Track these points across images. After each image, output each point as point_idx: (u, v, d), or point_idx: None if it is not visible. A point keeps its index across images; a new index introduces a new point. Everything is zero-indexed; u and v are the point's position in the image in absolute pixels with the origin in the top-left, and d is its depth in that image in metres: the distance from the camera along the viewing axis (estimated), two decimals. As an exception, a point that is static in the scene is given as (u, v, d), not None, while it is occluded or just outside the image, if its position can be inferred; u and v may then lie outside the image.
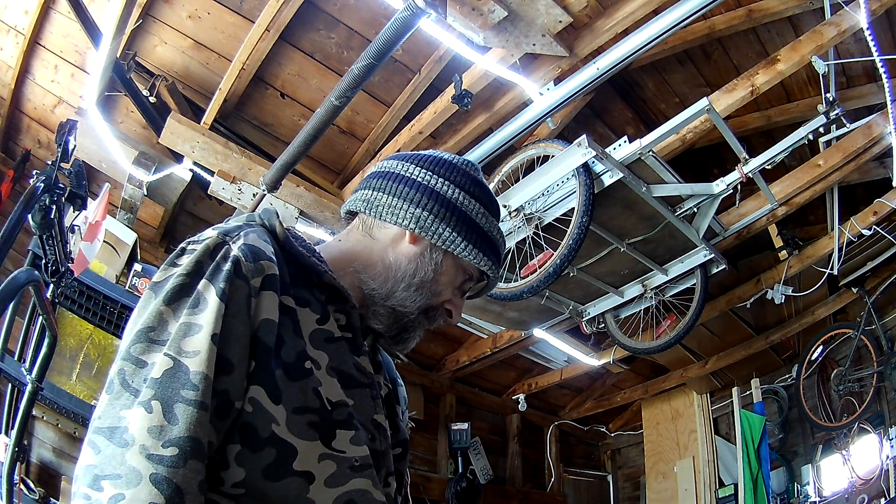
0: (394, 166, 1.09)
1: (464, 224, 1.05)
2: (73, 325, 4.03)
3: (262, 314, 0.86)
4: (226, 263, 0.86)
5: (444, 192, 1.05)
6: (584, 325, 4.24)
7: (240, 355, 0.83)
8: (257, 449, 0.81)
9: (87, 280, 3.40)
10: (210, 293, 0.83)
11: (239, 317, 0.84)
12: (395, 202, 1.04)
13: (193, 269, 0.86)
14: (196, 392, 0.77)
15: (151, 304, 0.84)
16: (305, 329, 0.91)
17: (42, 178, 2.06)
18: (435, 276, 1.05)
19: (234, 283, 0.85)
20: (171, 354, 0.79)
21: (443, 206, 1.04)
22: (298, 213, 3.99)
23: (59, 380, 3.84)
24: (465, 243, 1.04)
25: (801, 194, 3.85)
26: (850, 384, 4.69)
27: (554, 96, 3.23)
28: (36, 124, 4.24)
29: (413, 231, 1.04)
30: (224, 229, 0.93)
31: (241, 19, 3.69)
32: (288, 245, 0.96)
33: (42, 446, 3.66)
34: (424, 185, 1.05)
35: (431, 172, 1.06)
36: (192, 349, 0.79)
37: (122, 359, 0.81)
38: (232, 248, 0.88)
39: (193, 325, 0.81)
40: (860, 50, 3.53)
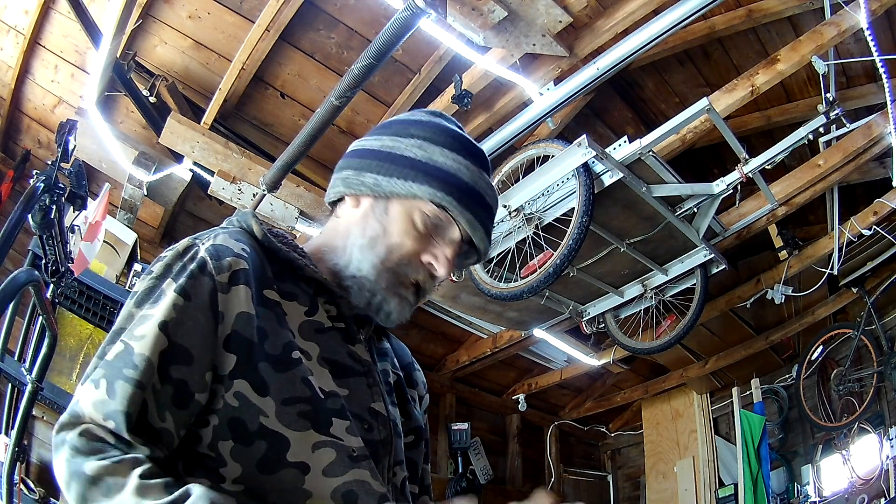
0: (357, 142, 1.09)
1: (389, 162, 0.98)
2: (73, 325, 4.03)
3: (235, 308, 0.87)
4: (191, 263, 0.89)
5: (369, 146, 1.03)
6: (584, 325, 4.24)
7: (201, 347, 0.84)
8: (249, 442, 0.82)
9: (87, 280, 3.40)
10: (170, 288, 0.86)
11: (200, 310, 0.85)
12: (334, 178, 1.06)
13: (163, 272, 0.89)
14: (135, 371, 0.80)
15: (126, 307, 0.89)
16: (293, 321, 0.92)
17: (42, 178, 2.06)
18: (383, 228, 0.98)
19: (195, 279, 0.87)
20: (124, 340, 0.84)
21: (365, 157, 1.02)
22: (298, 213, 3.99)
23: (59, 380, 3.84)
24: (394, 181, 0.97)
25: (801, 194, 3.84)
26: (850, 384, 4.69)
27: (554, 96, 3.23)
28: (36, 124, 4.24)
29: (349, 193, 1.03)
30: (197, 235, 0.95)
31: (241, 19, 3.69)
32: (267, 242, 0.97)
33: (42, 446, 3.66)
34: (353, 150, 1.06)
35: (370, 136, 1.05)
36: (140, 334, 0.83)
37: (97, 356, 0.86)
38: (199, 250, 0.90)
39: (147, 316, 0.85)
40: (860, 50, 3.53)
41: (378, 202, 1.00)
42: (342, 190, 1.03)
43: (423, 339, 6.15)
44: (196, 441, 0.84)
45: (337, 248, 1.02)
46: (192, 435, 0.84)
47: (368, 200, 1.01)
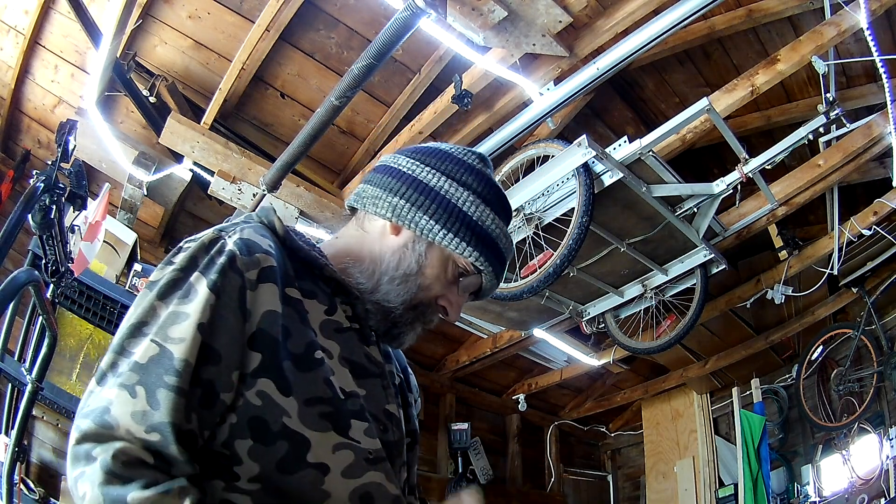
0: (388, 159, 1.07)
1: (447, 213, 0.99)
2: (73, 325, 4.03)
3: (262, 306, 0.85)
4: (220, 257, 0.86)
5: (427, 181, 1.00)
6: (584, 325, 4.24)
7: (228, 347, 0.82)
8: (270, 442, 0.81)
9: (87, 280, 3.40)
10: (201, 284, 0.83)
11: (230, 308, 0.83)
12: (378, 193, 1.02)
13: (188, 264, 0.86)
14: (178, 378, 0.77)
15: (146, 299, 0.84)
16: (314, 320, 0.91)
17: (42, 178, 2.06)
18: (419, 268, 1.00)
19: (226, 276, 0.84)
20: (157, 341, 0.80)
21: (422, 194, 1.00)
22: (298, 213, 4.00)
23: (59, 380, 3.84)
24: (445, 232, 0.99)
25: (801, 194, 3.84)
26: (850, 384, 4.69)
27: (554, 96, 3.23)
28: (36, 124, 4.24)
29: (393, 221, 1.00)
30: (220, 227, 0.93)
31: (241, 19, 3.69)
32: (288, 240, 0.96)
33: (42, 446, 3.66)
34: (407, 175, 1.01)
35: (419, 162, 1.02)
36: (178, 336, 0.79)
37: (112, 350, 0.82)
38: (227, 243, 0.88)
39: (180, 314, 0.81)
40: (860, 50, 3.53)
41: (420, 240, 1.00)
42: (388, 215, 1.01)
43: (423, 339, 6.10)
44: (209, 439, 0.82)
45: (363, 267, 1.01)
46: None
47: (411, 235, 1.01)
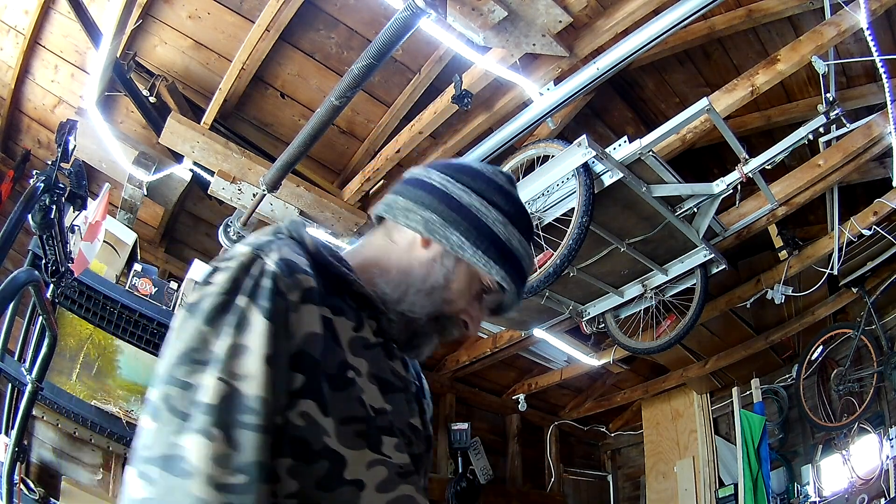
0: (420, 173, 1.08)
1: (476, 230, 1.01)
2: (73, 325, 4.03)
3: (304, 328, 0.85)
4: (264, 280, 0.84)
5: (458, 197, 1.02)
6: (584, 325, 4.24)
7: (280, 370, 0.81)
8: (310, 461, 0.81)
9: (87, 280, 3.40)
10: (254, 313, 0.82)
11: (280, 334, 0.82)
12: (409, 205, 1.03)
13: (231, 287, 0.84)
14: (258, 416, 0.76)
15: (189, 324, 0.81)
16: (343, 337, 0.90)
17: (42, 178, 2.06)
18: (446, 282, 1.01)
19: (275, 301, 0.83)
20: (224, 378, 0.77)
21: (454, 210, 1.01)
22: (298, 213, 4.00)
23: (59, 380, 3.84)
24: (474, 250, 1.01)
25: (801, 194, 3.84)
26: (850, 384, 4.68)
27: (554, 96, 3.23)
28: (36, 124, 4.24)
29: (424, 235, 1.02)
30: (256, 244, 0.90)
31: (241, 19, 3.69)
32: (319, 256, 0.95)
33: (42, 446, 3.66)
34: (439, 189, 1.03)
35: (452, 178, 1.04)
36: (246, 372, 0.78)
37: (166, 383, 0.78)
38: (268, 263, 0.86)
39: (242, 347, 0.79)
40: (860, 50, 3.53)
41: (448, 256, 1.02)
42: (419, 229, 1.02)
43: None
44: None
45: (390, 277, 1.02)
46: None
47: (440, 249, 1.02)
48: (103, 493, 3.76)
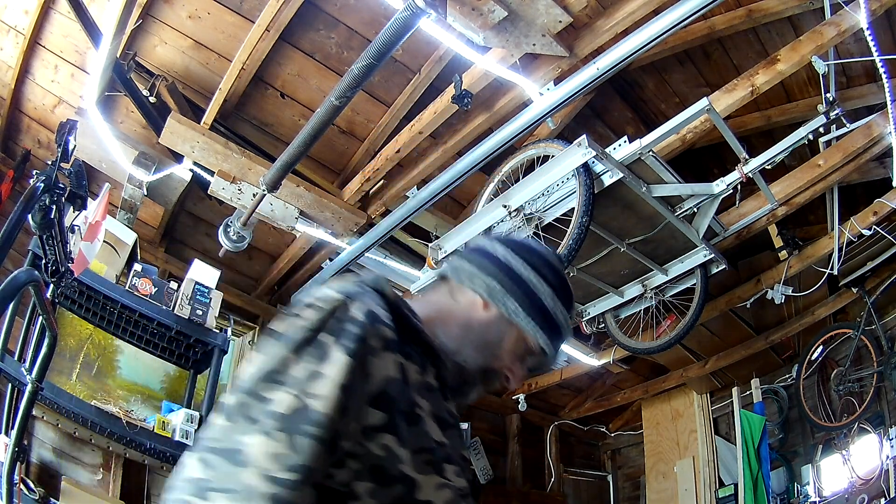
0: (486, 244, 1.25)
1: (530, 301, 1.18)
2: (73, 325, 4.03)
3: (384, 372, 0.97)
4: (350, 325, 0.96)
5: (518, 271, 1.19)
6: (584, 325, 4.24)
7: (355, 405, 0.92)
8: (388, 485, 0.93)
9: (87, 280, 3.40)
10: (336, 350, 0.93)
11: (358, 373, 0.94)
12: (475, 271, 1.20)
13: (318, 325, 0.96)
14: (320, 429, 0.86)
15: (275, 349, 0.93)
16: (412, 381, 1.02)
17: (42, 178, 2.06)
18: (498, 341, 1.17)
19: (357, 344, 0.95)
20: (297, 395, 0.88)
21: (514, 281, 1.18)
22: (298, 212, 4.00)
23: (59, 380, 3.84)
24: (527, 318, 1.17)
25: (801, 194, 3.84)
26: (850, 384, 4.68)
27: (554, 96, 3.22)
28: (36, 124, 4.24)
29: (485, 299, 1.18)
30: (347, 291, 1.02)
31: (241, 19, 3.69)
32: (397, 308, 1.07)
33: (42, 446, 3.66)
34: (502, 262, 1.20)
35: (513, 252, 1.21)
36: (318, 393, 0.89)
37: (244, 392, 0.90)
38: (355, 312, 0.98)
39: (320, 374, 0.91)
40: (860, 50, 3.53)
41: (504, 319, 1.18)
42: (482, 293, 1.18)
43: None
44: (326, 476, 0.91)
45: (451, 331, 1.16)
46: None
47: (497, 313, 1.18)
48: (103, 493, 3.76)
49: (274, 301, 5.38)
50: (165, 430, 3.54)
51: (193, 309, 3.82)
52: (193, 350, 3.93)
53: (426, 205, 3.77)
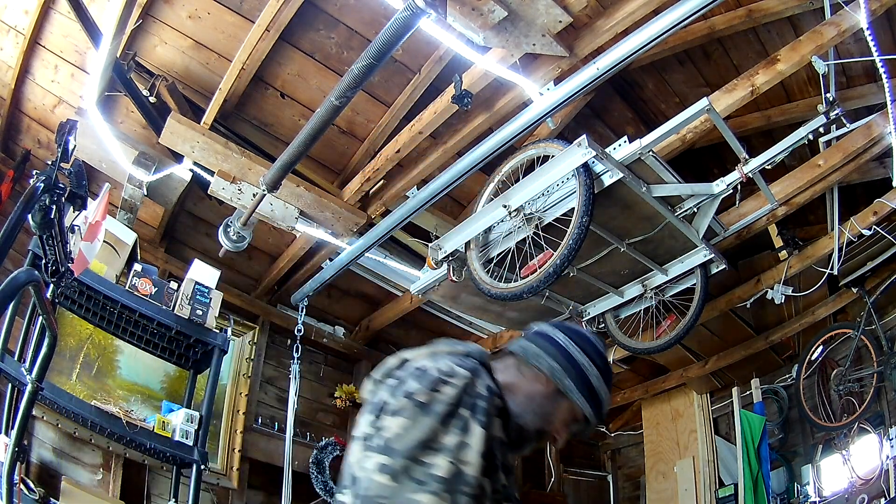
0: (549, 329, 1.56)
1: (581, 381, 1.47)
2: (73, 325, 4.04)
3: (494, 433, 1.30)
4: (479, 401, 1.30)
5: (575, 355, 1.49)
6: (583, 326, 4.24)
7: (484, 462, 1.24)
8: None
9: (87, 280, 3.40)
10: (474, 423, 1.26)
11: (488, 439, 1.26)
12: (539, 353, 1.50)
13: (456, 401, 1.27)
14: (472, 489, 1.19)
15: (425, 420, 1.23)
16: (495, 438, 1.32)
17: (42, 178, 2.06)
18: (553, 411, 1.47)
19: (486, 417, 1.28)
20: (453, 462, 1.20)
21: (570, 364, 1.48)
22: (298, 212, 4.00)
23: (59, 380, 3.85)
24: (579, 394, 1.47)
25: (801, 194, 3.84)
26: (850, 384, 4.68)
27: (554, 96, 3.22)
28: (36, 124, 4.24)
29: (547, 376, 1.47)
30: (469, 368, 1.36)
31: (241, 19, 3.69)
32: (496, 380, 1.43)
33: (42, 446, 3.66)
34: (562, 347, 1.50)
35: (571, 340, 1.51)
36: (468, 460, 1.21)
37: (405, 457, 1.19)
38: (481, 388, 1.32)
39: (466, 444, 1.23)
40: (860, 50, 3.53)
41: (559, 393, 1.47)
42: (545, 372, 1.48)
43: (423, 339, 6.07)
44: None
45: (517, 399, 1.45)
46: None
47: (555, 388, 1.47)
48: (103, 493, 3.76)
49: (274, 301, 5.39)
50: (165, 430, 3.54)
51: (193, 309, 3.82)
52: (193, 350, 3.93)
53: (426, 205, 3.77)
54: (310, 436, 5.16)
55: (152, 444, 3.48)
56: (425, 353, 1.48)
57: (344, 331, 5.76)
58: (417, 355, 1.48)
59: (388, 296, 5.58)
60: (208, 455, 3.82)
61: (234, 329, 4.62)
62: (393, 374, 1.44)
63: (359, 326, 5.83)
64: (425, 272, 4.05)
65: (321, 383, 5.56)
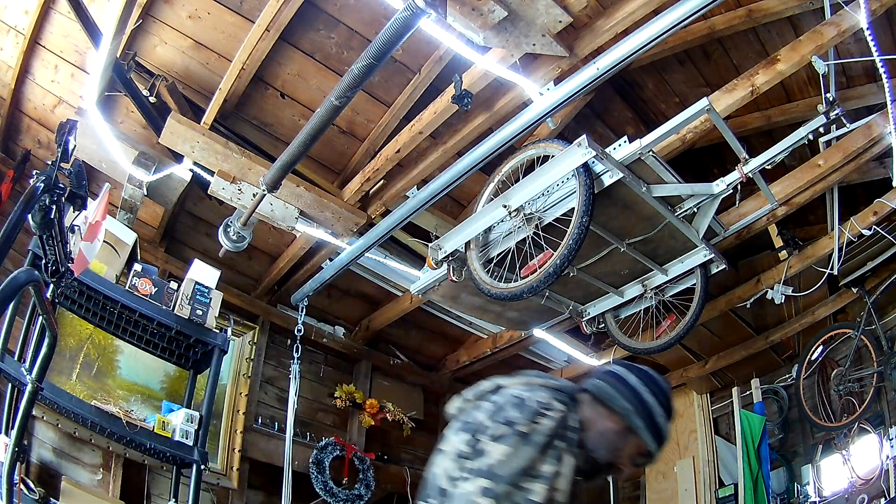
0: (621, 371, 1.70)
1: (649, 419, 1.63)
2: (73, 325, 4.04)
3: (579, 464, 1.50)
4: (571, 433, 1.52)
5: (645, 397, 1.64)
6: (584, 325, 4.23)
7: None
8: None
9: (87, 280, 3.40)
10: (566, 454, 1.48)
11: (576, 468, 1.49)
12: (614, 394, 1.65)
13: (553, 433, 1.48)
14: None
15: (526, 450, 1.43)
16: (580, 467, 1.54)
17: (42, 178, 2.06)
18: (623, 446, 1.63)
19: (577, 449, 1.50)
20: (547, 487, 1.41)
21: (640, 404, 1.63)
22: (298, 212, 3.99)
23: (59, 380, 3.85)
24: (646, 433, 1.62)
25: (801, 194, 3.84)
26: (850, 384, 4.68)
27: (554, 96, 3.22)
28: (36, 124, 4.24)
29: (620, 415, 1.62)
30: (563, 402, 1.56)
31: (241, 19, 3.69)
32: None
33: (42, 446, 3.66)
34: (634, 389, 1.65)
35: (642, 382, 1.66)
36: (560, 488, 1.44)
37: (508, 483, 1.38)
38: (572, 422, 1.54)
39: (560, 473, 1.44)
40: (860, 50, 3.53)
41: (629, 431, 1.62)
42: (618, 411, 1.63)
43: (423, 339, 6.15)
44: None
45: (592, 434, 1.61)
46: None
47: (626, 426, 1.62)
48: (103, 493, 3.76)
49: (274, 301, 5.39)
50: (165, 430, 3.54)
51: (193, 309, 3.82)
52: (193, 350, 3.93)
53: (426, 205, 3.77)
54: (310, 436, 5.16)
55: (152, 444, 3.48)
56: (521, 383, 1.63)
57: (344, 331, 5.76)
58: (513, 383, 1.63)
59: (388, 296, 5.58)
60: (208, 455, 3.82)
61: (234, 329, 4.62)
62: (487, 398, 1.61)
63: (359, 326, 5.83)
64: (425, 272, 4.04)
65: (321, 383, 5.57)
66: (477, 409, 1.58)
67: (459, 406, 1.69)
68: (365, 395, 5.59)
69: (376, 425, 5.51)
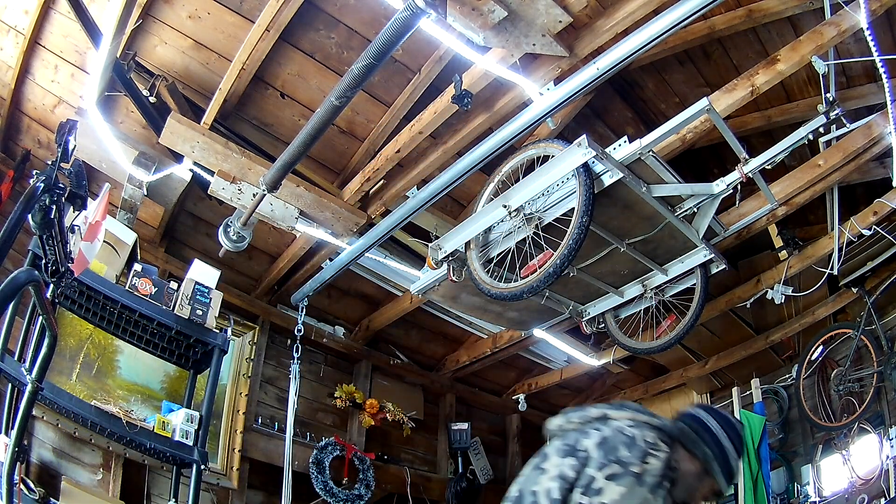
0: (703, 415, 1.88)
1: (725, 463, 1.81)
2: (73, 325, 4.04)
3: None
4: (673, 473, 1.68)
5: (723, 441, 1.83)
6: (584, 325, 4.24)
7: None
8: None
9: (87, 280, 3.40)
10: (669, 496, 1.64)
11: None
12: (696, 439, 1.82)
13: (662, 474, 1.63)
14: None
15: (640, 491, 1.58)
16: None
17: (42, 178, 2.06)
18: (698, 486, 1.80)
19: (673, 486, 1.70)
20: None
21: (719, 448, 1.81)
22: (298, 212, 3.99)
23: (59, 380, 3.85)
24: (721, 476, 1.81)
25: (801, 194, 3.84)
26: (850, 384, 4.68)
27: (554, 96, 3.22)
28: (36, 124, 4.24)
29: (700, 458, 1.81)
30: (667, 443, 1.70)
31: (241, 19, 3.69)
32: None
33: (42, 446, 3.66)
34: (715, 435, 1.83)
35: (721, 427, 1.84)
36: None
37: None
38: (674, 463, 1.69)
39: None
40: (860, 50, 3.53)
41: (706, 473, 1.80)
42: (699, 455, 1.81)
43: (423, 339, 6.15)
44: None
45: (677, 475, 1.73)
46: None
47: (703, 468, 1.81)
48: (103, 493, 3.76)
49: (274, 301, 5.39)
50: (165, 430, 3.54)
51: (193, 309, 3.82)
52: (193, 350, 3.93)
53: (426, 205, 3.77)
54: (310, 436, 5.16)
55: (152, 444, 3.48)
56: (628, 416, 1.74)
57: (344, 331, 5.76)
58: (620, 416, 1.75)
59: (388, 296, 5.58)
60: (208, 455, 3.82)
61: (234, 329, 4.62)
62: (593, 425, 1.73)
63: (359, 326, 5.83)
64: (425, 272, 4.04)
65: (321, 383, 5.57)
66: (583, 434, 1.70)
67: (561, 425, 1.81)
68: (365, 395, 5.59)
69: (376, 425, 5.51)
